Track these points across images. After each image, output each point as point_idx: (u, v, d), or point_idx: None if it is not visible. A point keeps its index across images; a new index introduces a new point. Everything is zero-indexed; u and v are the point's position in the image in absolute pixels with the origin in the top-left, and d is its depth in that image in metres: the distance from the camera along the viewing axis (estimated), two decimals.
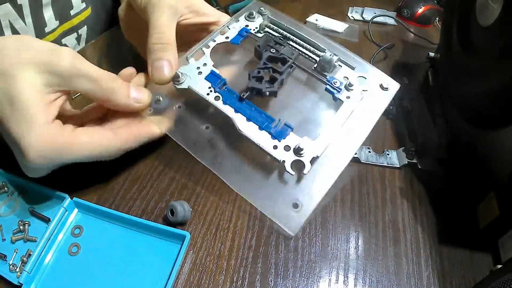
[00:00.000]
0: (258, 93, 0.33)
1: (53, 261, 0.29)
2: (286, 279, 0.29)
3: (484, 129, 0.33)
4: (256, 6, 0.41)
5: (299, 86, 0.37)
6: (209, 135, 0.33)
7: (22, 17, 0.43)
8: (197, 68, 0.34)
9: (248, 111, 0.32)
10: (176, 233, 0.29)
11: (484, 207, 0.33)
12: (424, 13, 0.65)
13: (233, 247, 0.31)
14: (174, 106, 0.35)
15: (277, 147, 0.30)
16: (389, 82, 0.36)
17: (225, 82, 0.33)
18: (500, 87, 0.30)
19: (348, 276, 0.30)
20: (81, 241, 0.30)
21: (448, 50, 0.43)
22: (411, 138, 0.40)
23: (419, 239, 0.32)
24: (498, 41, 0.32)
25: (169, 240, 0.30)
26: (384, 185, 0.36)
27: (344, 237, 0.32)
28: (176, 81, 0.33)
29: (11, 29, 0.42)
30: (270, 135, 0.31)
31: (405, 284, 0.29)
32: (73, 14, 0.50)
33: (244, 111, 0.32)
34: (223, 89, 0.33)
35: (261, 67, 0.34)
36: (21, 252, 0.29)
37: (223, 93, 0.33)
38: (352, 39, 0.60)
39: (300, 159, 0.30)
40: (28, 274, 0.27)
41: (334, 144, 0.32)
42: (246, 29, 0.39)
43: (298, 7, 0.69)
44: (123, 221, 0.31)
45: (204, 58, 0.35)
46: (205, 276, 0.29)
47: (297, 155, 0.30)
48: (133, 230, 0.31)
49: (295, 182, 0.31)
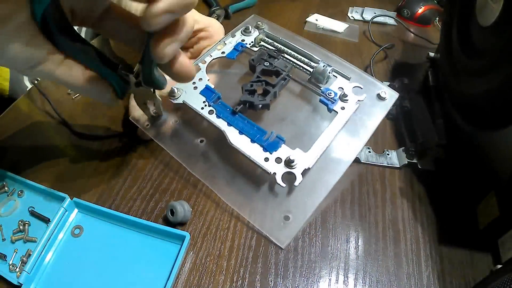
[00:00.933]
0: (251, 106, 0.33)
1: (52, 261, 0.29)
2: (286, 279, 0.29)
3: (484, 129, 0.33)
4: (253, 20, 0.42)
5: (293, 99, 0.37)
6: (203, 149, 0.34)
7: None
8: (193, 83, 0.35)
9: (240, 124, 0.32)
10: (176, 234, 0.29)
11: (484, 207, 0.33)
12: (424, 13, 0.65)
13: (233, 247, 0.31)
14: (171, 120, 0.35)
15: (268, 159, 0.30)
16: (387, 92, 0.36)
17: (219, 96, 0.34)
18: (500, 87, 0.30)
19: (348, 276, 0.30)
20: (81, 241, 0.30)
21: (448, 50, 0.43)
22: (411, 138, 0.40)
23: (419, 239, 0.32)
24: (498, 41, 0.32)
25: (169, 241, 0.30)
26: (384, 185, 0.36)
27: (344, 237, 0.32)
28: (172, 96, 0.34)
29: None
30: (262, 147, 0.31)
31: (405, 284, 0.29)
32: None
33: (236, 124, 0.32)
34: (217, 103, 0.34)
35: (254, 81, 0.34)
36: (21, 252, 0.29)
37: (217, 107, 0.33)
38: (352, 39, 0.60)
39: (291, 171, 0.30)
40: (27, 274, 0.27)
41: (327, 156, 0.32)
42: (242, 44, 0.39)
43: (298, 7, 0.69)
44: (123, 221, 0.31)
45: (200, 73, 0.36)
46: (205, 276, 0.29)
47: (288, 167, 0.30)
48: (133, 231, 0.31)
49: (286, 195, 0.31)
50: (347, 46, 0.59)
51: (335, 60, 0.38)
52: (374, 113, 0.34)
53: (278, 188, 0.30)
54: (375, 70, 0.52)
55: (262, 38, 0.39)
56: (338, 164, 0.32)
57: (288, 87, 0.37)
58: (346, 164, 0.32)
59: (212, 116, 0.33)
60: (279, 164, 0.30)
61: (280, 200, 0.31)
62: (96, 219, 0.32)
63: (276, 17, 0.66)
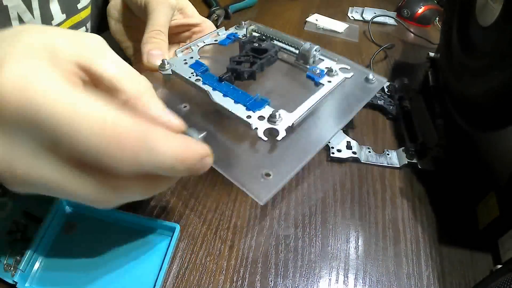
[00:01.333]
0: (238, 76, 0.33)
1: (46, 259, 0.30)
2: (286, 279, 0.29)
3: (484, 129, 0.33)
4: (248, 24, 0.43)
5: (280, 76, 0.37)
6: (185, 112, 0.33)
7: (31, 10, 0.43)
8: (184, 60, 0.36)
9: (225, 89, 0.32)
10: (166, 225, 0.30)
11: (484, 207, 0.33)
12: (424, 13, 0.65)
13: (233, 247, 0.31)
14: (157, 90, 0.35)
15: (251, 116, 0.29)
16: (375, 76, 0.36)
17: (207, 68, 0.35)
18: (500, 87, 0.30)
19: (348, 276, 0.30)
20: (73, 238, 0.31)
21: (448, 50, 0.43)
22: (411, 138, 0.40)
23: (419, 239, 0.32)
24: (498, 41, 0.32)
25: (160, 233, 0.30)
26: (384, 185, 0.37)
27: (344, 237, 0.32)
28: (162, 67, 0.35)
29: (19, 21, 0.43)
30: (245, 106, 0.30)
31: (405, 284, 0.29)
32: (80, 8, 0.50)
33: (221, 88, 0.32)
34: (205, 73, 0.34)
35: (242, 55, 0.35)
36: (15, 252, 0.30)
37: (203, 76, 0.34)
38: (352, 39, 0.60)
39: (274, 126, 0.29)
40: (22, 273, 0.28)
41: (312, 123, 0.31)
42: (235, 34, 0.41)
43: (298, 7, 0.69)
44: (115, 217, 0.31)
45: (191, 53, 0.37)
46: (205, 276, 0.29)
47: (271, 123, 0.29)
48: (124, 226, 0.31)
49: (268, 151, 0.29)
50: (347, 46, 0.59)
51: (326, 51, 0.39)
52: (361, 94, 0.35)
53: (260, 145, 0.29)
54: (375, 70, 0.52)
55: (254, 29, 0.41)
56: (322, 133, 0.31)
57: (276, 66, 0.37)
58: (330, 134, 0.32)
59: (198, 82, 0.33)
60: (261, 121, 0.29)
61: (261, 157, 0.29)
62: (88, 216, 0.32)
63: (276, 17, 0.66)
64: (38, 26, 0.28)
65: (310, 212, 0.34)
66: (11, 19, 0.42)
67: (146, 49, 0.36)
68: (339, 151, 0.39)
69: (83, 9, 0.51)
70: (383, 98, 0.46)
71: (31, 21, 0.44)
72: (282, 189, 0.35)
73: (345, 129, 0.41)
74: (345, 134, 0.41)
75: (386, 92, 0.48)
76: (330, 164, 0.38)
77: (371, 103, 0.45)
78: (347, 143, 0.39)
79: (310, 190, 0.35)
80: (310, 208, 0.34)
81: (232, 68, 0.33)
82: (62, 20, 0.48)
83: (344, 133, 0.41)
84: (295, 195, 0.35)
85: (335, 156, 0.38)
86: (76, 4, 0.50)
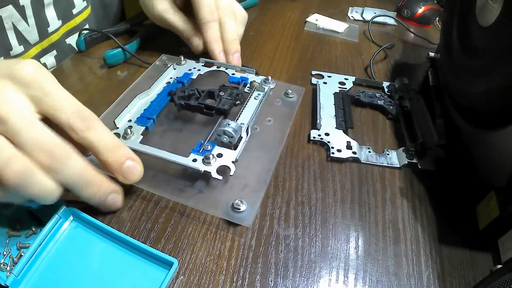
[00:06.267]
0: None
1: (41, 268, 0.29)
2: (286, 279, 0.29)
3: (484, 129, 0.33)
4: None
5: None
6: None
7: (25, 18, 0.43)
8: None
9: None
10: (164, 259, 0.29)
11: (483, 207, 0.33)
12: (424, 13, 0.65)
13: (233, 247, 0.31)
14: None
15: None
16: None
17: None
18: (500, 87, 0.30)
19: (348, 276, 0.30)
20: (72, 251, 0.30)
21: (448, 50, 0.43)
22: (411, 138, 0.40)
23: (419, 239, 0.32)
24: (498, 41, 0.32)
25: (157, 264, 0.29)
26: (384, 185, 0.37)
27: (344, 237, 0.32)
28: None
29: (14, 30, 0.42)
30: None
31: (405, 284, 0.29)
32: (75, 13, 0.50)
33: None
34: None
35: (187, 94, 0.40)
36: (13, 253, 0.29)
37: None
38: (352, 39, 0.60)
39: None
40: (15, 278, 0.27)
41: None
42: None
43: (298, 7, 0.69)
44: (115, 237, 0.30)
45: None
46: (205, 276, 0.29)
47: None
48: (123, 248, 0.30)
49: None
50: (347, 46, 0.59)
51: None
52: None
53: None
54: (375, 70, 0.52)
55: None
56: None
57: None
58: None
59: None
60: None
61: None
62: (90, 231, 0.31)
63: (276, 17, 0.66)
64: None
65: (310, 212, 0.34)
66: (6, 30, 0.42)
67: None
68: (339, 151, 0.39)
69: (78, 14, 0.51)
70: (383, 98, 0.46)
71: (26, 30, 0.43)
72: (282, 189, 0.35)
73: (345, 129, 0.41)
74: (345, 134, 0.41)
75: (386, 92, 0.48)
76: (330, 164, 0.38)
77: (371, 103, 0.45)
78: (347, 143, 0.39)
79: (310, 190, 0.35)
80: (310, 208, 0.34)
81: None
82: (59, 27, 0.48)
83: (344, 133, 0.41)
84: (295, 195, 0.35)
85: (335, 156, 0.38)
86: (72, 9, 0.50)
